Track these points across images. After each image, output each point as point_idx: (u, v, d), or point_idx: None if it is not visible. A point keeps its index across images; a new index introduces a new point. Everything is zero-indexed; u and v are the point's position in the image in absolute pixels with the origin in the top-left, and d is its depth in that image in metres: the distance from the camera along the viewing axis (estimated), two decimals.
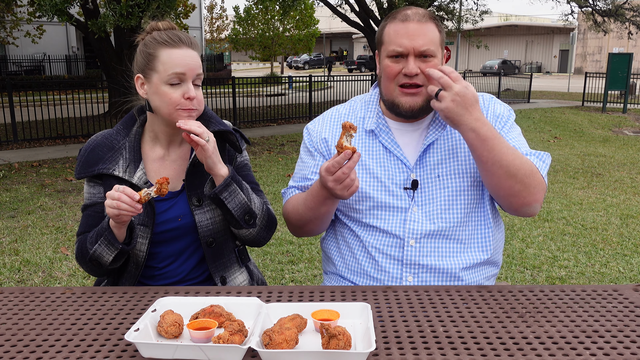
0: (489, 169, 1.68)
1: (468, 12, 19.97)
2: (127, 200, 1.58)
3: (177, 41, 1.77)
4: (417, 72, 1.72)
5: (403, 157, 1.82)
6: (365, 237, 1.84)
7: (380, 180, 1.82)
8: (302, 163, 1.98)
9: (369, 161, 1.85)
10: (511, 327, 1.39)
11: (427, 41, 1.73)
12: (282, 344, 1.23)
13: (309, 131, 1.99)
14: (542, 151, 1.80)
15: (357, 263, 1.87)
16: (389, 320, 1.43)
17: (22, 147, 10.77)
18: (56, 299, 1.61)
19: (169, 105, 1.75)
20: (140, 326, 1.32)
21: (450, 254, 1.80)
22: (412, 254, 1.79)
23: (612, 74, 17.87)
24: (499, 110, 1.87)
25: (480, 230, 1.84)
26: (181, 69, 1.74)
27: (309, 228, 1.86)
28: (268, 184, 7.49)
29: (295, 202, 1.87)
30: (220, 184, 1.75)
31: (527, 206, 1.73)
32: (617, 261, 4.73)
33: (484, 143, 1.63)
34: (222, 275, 1.92)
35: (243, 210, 1.80)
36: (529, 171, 1.68)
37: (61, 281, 4.30)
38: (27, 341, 1.35)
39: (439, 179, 1.81)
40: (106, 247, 1.71)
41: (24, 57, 27.95)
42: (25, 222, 5.78)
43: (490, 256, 1.85)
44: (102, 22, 9.71)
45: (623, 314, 1.46)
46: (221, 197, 1.75)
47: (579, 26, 46.46)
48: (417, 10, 1.77)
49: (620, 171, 8.52)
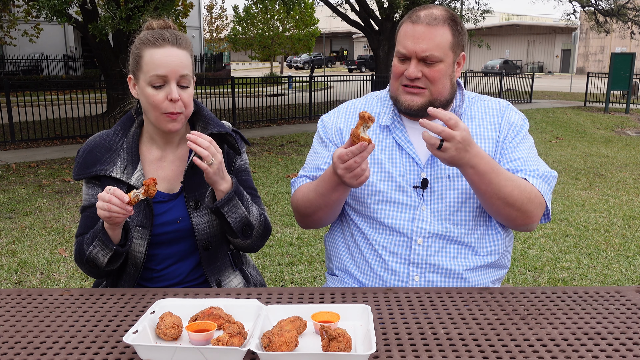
0: (486, 200, 1.71)
1: (469, 11, 19.91)
2: (117, 202, 1.56)
3: (160, 40, 1.73)
4: (416, 75, 1.74)
5: (415, 155, 1.83)
6: (373, 235, 1.85)
7: (391, 176, 1.83)
8: (315, 153, 1.98)
9: (381, 156, 1.86)
10: (513, 329, 1.38)
11: (432, 46, 1.72)
12: (282, 346, 1.22)
13: (323, 122, 2.00)
14: (551, 172, 1.81)
15: (364, 260, 1.87)
16: (390, 322, 1.42)
17: (19, 147, 10.71)
18: (54, 301, 1.60)
19: (154, 108, 1.73)
20: (139, 328, 1.31)
21: (458, 255, 1.81)
22: (419, 253, 1.79)
23: (615, 74, 17.82)
24: (514, 118, 1.89)
25: (490, 235, 1.84)
26: (162, 70, 1.71)
27: (318, 217, 1.86)
28: (267, 184, 7.47)
29: (306, 189, 1.87)
30: (223, 197, 1.73)
31: (523, 226, 1.79)
32: (619, 263, 4.72)
33: (482, 177, 1.65)
34: (218, 278, 1.92)
35: (242, 223, 1.79)
36: (528, 199, 1.71)
37: (59, 283, 4.29)
38: (25, 343, 1.34)
39: (450, 179, 1.81)
40: (101, 248, 1.70)
41: (22, 57, 27.78)
42: (23, 223, 5.76)
43: (498, 259, 1.86)
44: (103, 26, 9.69)
45: (626, 316, 1.45)
46: (222, 210, 1.74)
47: (581, 26, 46.43)
48: (431, 12, 1.76)
49: (622, 172, 8.50)
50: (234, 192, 1.74)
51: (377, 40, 16.64)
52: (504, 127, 1.86)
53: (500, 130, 1.85)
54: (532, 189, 1.73)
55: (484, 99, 1.93)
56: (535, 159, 1.84)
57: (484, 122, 1.88)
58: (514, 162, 1.80)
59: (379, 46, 16.63)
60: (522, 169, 1.78)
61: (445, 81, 1.78)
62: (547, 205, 1.79)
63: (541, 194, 1.75)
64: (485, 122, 1.88)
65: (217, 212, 1.74)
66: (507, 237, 1.90)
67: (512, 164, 1.80)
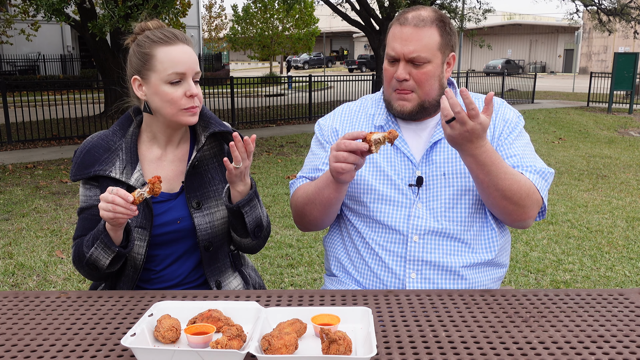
0: (484, 190, 1.72)
1: (471, 10, 19.89)
2: (122, 202, 1.55)
3: (173, 38, 1.75)
4: (404, 77, 1.77)
5: (409, 154, 1.85)
6: (369, 233, 1.87)
7: (386, 174, 1.85)
8: (312, 155, 2.01)
9: (376, 155, 1.87)
10: (515, 331, 1.37)
11: (420, 47, 1.75)
12: (282, 349, 1.22)
13: (320, 125, 2.04)
14: (548, 168, 1.82)
15: (361, 259, 1.89)
16: (391, 325, 1.42)
17: (16, 148, 10.62)
18: (51, 304, 1.59)
19: (172, 105, 1.74)
20: (137, 331, 1.30)
21: (454, 252, 1.82)
22: (415, 250, 1.81)
23: (618, 74, 17.78)
24: (508, 115, 1.90)
25: (486, 232, 1.85)
26: (181, 67, 1.73)
27: (315, 216, 1.87)
28: (267, 186, 7.44)
29: (306, 187, 1.90)
30: (244, 197, 1.75)
31: (519, 222, 1.79)
32: (622, 265, 4.70)
33: (481, 168, 1.66)
34: (218, 279, 1.91)
35: (256, 223, 1.81)
36: (526, 193, 1.72)
37: (56, 285, 4.26)
38: (22, 346, 1.33)
39: (445, 177, 1.83)
40: (102, 250, 1.68)
41: (18, 57, 27.48)
42: (20, 225, 5.72)
43: (495, 257, 1.86)
44: (102, 24, 9.65)
45: (629, 319, 1.45)
46: (243, 210, 1.75)
47: (584, 25, 46.28)
48: (419, 13, 1.78)
49: (626, 173, 8.48)
50: (254, 193, 1.77)
51: (377, 40, 16.61)
52: (498, 124, 1.87)
53: (495, 127, 1.87)
54: (530, 184, 1.74)
55: (477, 97, 1.93)
56: (531, 155, 1.85)
57: None
58: (510, 159, 1.81)
59: (380, 46, 16.60)
60: (519, 165, 1.80)
61: (433, 82, 1.80)
62: (544, 202, 1.79)
63: (537, 189, 1.76)
64: None
65: (238, 211, 1.76)
66: (503, 235, 1.91)
67: (509, 161, 1.81)
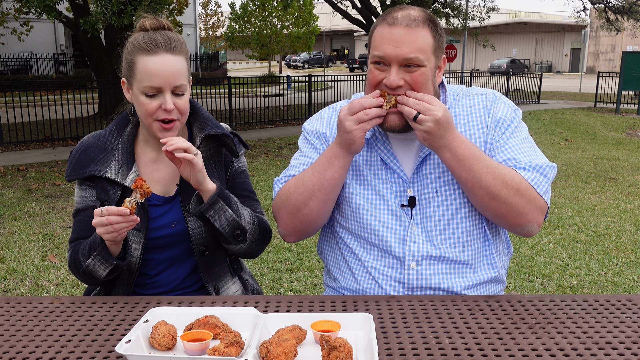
0: (469, 190, 1.64)
1: (474, 8, 19.74)
2: (119, 219, 1.54)
3: (153, 47, 1.68)
4: (398, 84, 1.61)
5: (400, 170, 1.75)
6: (365, 256, 1.78)
7: (377, 193, 1.76)
8: (302, 156, 1.86)
9: (366, 172, 1.78)
10: (520, 338, 1.36)
11: (414, 49, 1.59)
12: (281, 357, 1.21)
13: (305, 128, 1.92)
14: (548, 163, 1.68)
15: (357, 284, 1.80)
16: (392, 331, 1.40)
17: (8, 150, 10.47)
18: (44, 309, 1.58)
19: (147, 115, 1.70)
20: (132, 338, 1.29)
21: (454, 275, 1.74)
22: (413, 277, 1.73)
23: (626, 73, 17.65)
24: (501, 113, 1.76)
25: (487, 248, 1.78)
26: (157, 81, 1.66)
27: (312, 208, 1.72)
28: (265, 188, 7.39)
29: (299, 177, 1.74)
30: (206, 201, 1.68)
31: (519, 227, 1.66)
32: (631, 269, 4.65)
33: (461, 163, 1.59)
34: (216, 285, 1.88)
35: (231, 226, 1.74)
36: (515, 191, 1.60)
37: (49, 290, 4.22)
38: (14, 353, 1.32)
39: (437, 194, 1.73)
40: (100, 262, 1.68)
41: (10, 56, 27.09)
42: (11, 229, 5.68)
43: (499, 274, 1.79)
44: (94, 20, 9.55)
45: (637, 325, 1.43)
46: (207, 215, 1.69)
47: (592, 23, 46.14)
48: (409, 13, 1.63)
49: (634, 175, 8.42)
50: (218, 195, 1.69)
51: None
52: (490, 125, 1.75)
53: (488, 129, 1.75)
54: (522, 180, 1.61)
55: (470, 93, 1.82)
56: (529, 150, 1.71)
57: (470, 121, 1.77)
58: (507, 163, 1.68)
59: None
60: (515, 162, 1.67)
61: (429, 87, 1.65)
62: (546, 200, 1.65)
63: (533, 186, 1.62)
64: (472, 120, 1.77)
65: (202, 217, 1.70)
66: (505, 251, 1.85)
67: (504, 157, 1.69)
